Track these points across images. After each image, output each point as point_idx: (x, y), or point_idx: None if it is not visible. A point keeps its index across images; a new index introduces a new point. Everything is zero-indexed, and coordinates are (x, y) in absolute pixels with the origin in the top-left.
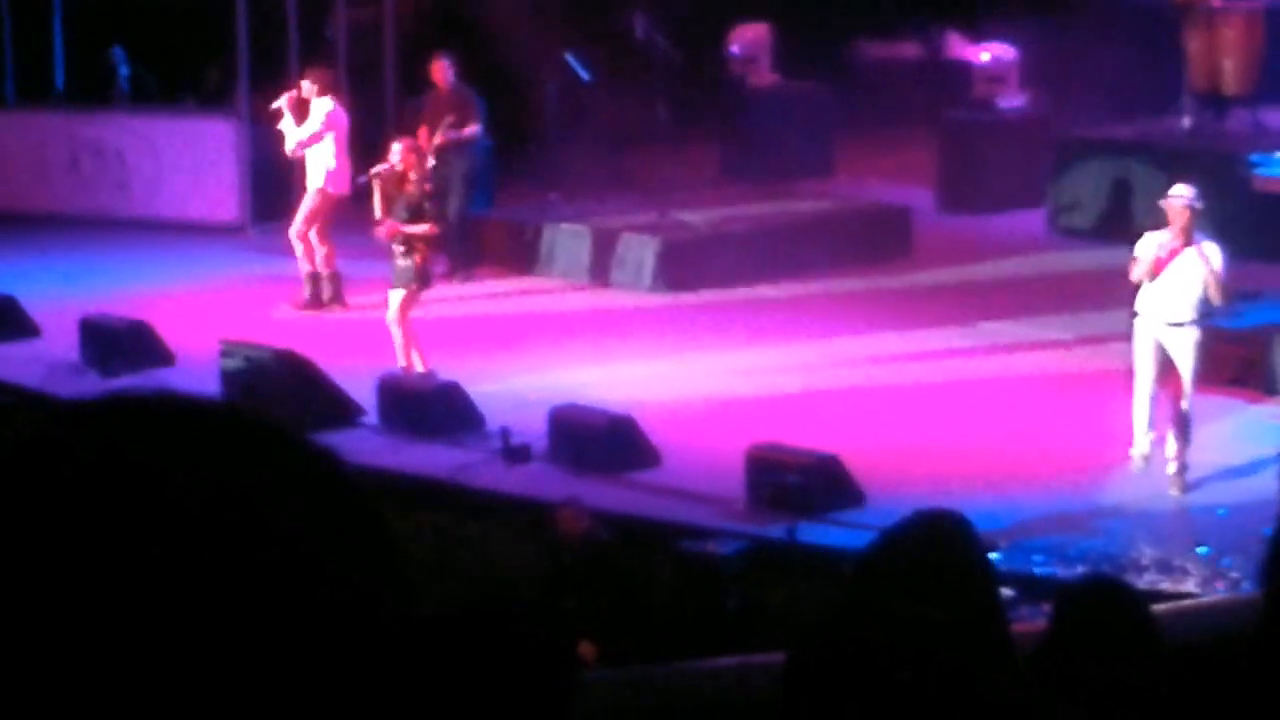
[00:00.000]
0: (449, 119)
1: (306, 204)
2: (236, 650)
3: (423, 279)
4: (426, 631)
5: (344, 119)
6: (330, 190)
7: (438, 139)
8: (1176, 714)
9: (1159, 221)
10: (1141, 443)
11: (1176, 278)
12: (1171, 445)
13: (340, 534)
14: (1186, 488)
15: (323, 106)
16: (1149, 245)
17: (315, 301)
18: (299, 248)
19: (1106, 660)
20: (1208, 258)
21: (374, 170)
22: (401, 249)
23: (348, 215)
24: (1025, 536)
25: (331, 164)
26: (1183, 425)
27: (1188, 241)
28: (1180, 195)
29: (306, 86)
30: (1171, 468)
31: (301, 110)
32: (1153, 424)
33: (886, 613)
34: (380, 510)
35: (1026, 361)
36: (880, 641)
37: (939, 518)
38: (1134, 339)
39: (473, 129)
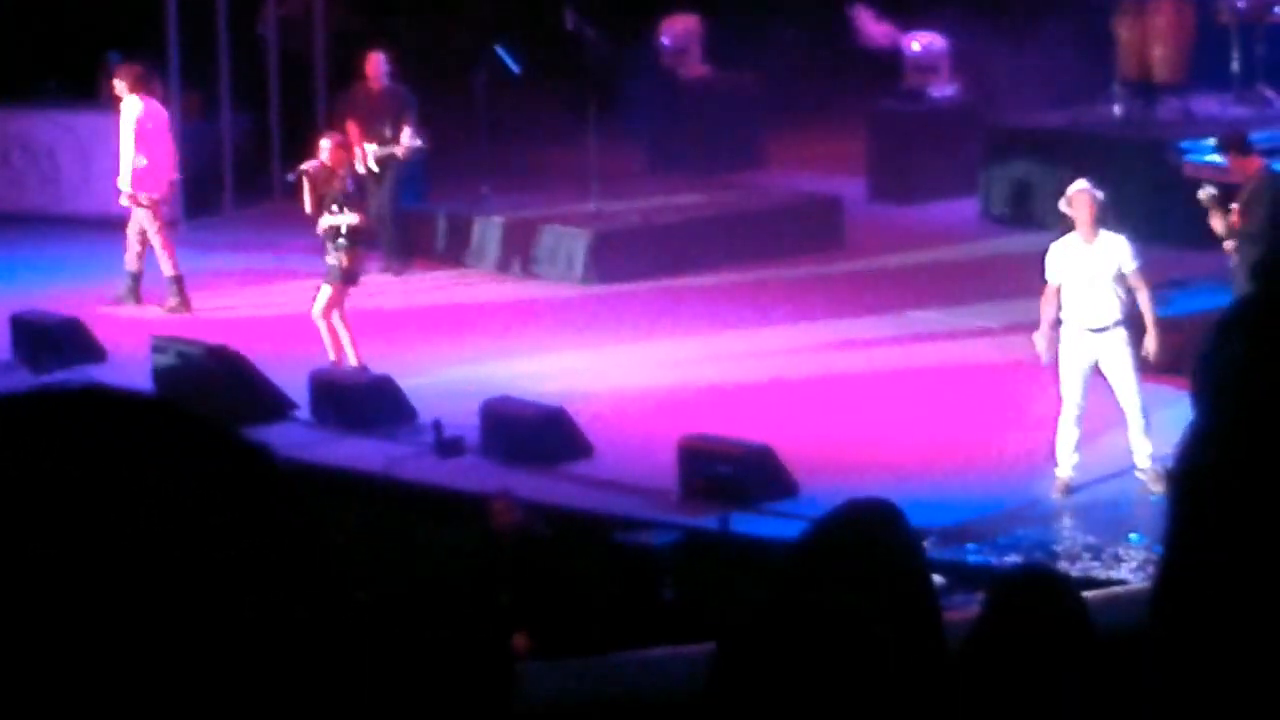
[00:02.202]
0: (387, 129)
1: (139, 212)
2: (159, 642)
3: (348, 277)
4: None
5: (160, 115)
6: (147, 194)
7: (377, 152)
8: (1110, 702)
9: (1066, 225)
10: (1065, 467)
11: (1089, 280)
12: (1140, 443)
13: (270, 527)
14: (1157, 478)
15: (132, 107)
16: (1061, 256)
17: (185, 303)
18: (134, 249)
19: (1039, 648)
20: (1118, 253)
21: (303, 166)
22: (331, 246)
23: (287, 210)
24: (958, 525)
25: (143, 165)
26: (1141, 423)
27: (1095, 234)
28: (1082, 187)
29: (117, 85)
30: (1146, 463)
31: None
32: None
33: (816, 602)
34: (310, 503)
35: (958, 350)
36: (809, 631)
37: (870, 507)
38: (1061, 353)
39: (412, 138)
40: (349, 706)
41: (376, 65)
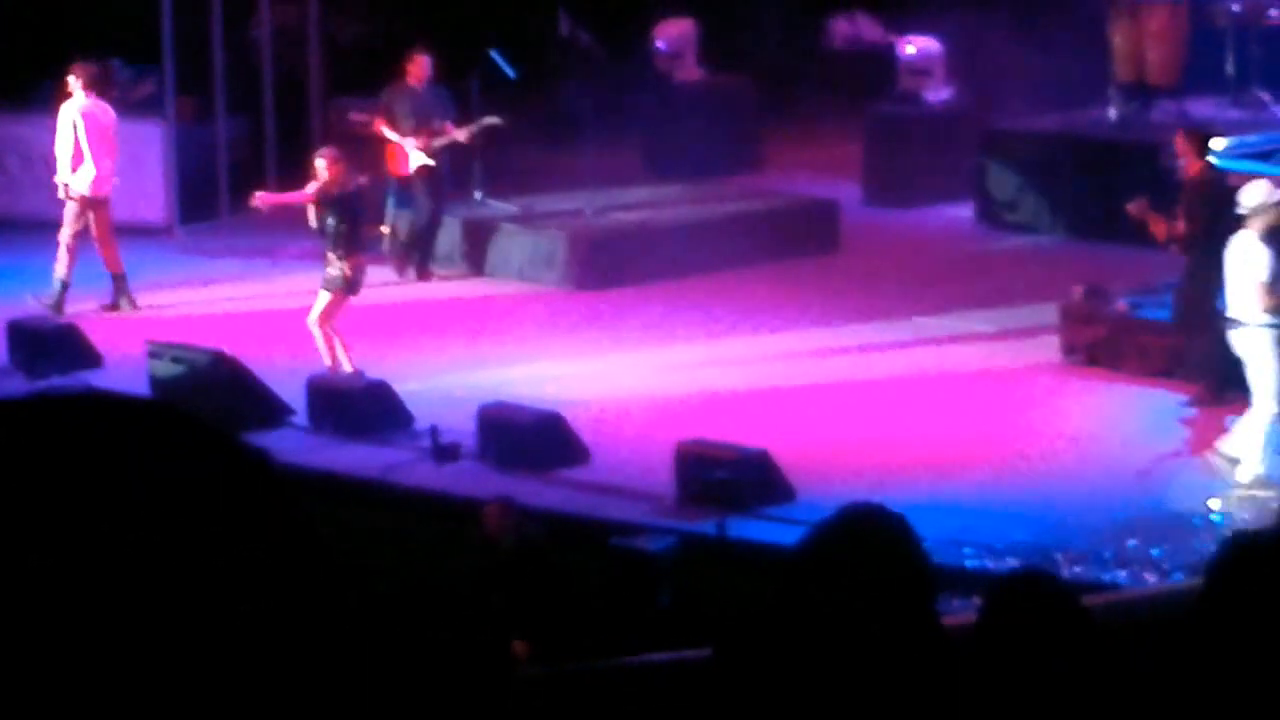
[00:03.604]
0: (436, 125)
1: (69, 213)
2: (155, 642)
3: (350, 287)
4: (354, 625)
5: (108, 117)
6: (90, 195)
7: (438, 143)
8: (1107, 705)
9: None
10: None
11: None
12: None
13: (265, 529)
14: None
15: (77, 105)
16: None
17: (115, 304)
18: (65, 257)
19: (1037, 652)
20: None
21: (305, 189)
22: (333, 254)
23: (286, 219)
24: (955, 530)
25: (91, 168)
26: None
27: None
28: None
29: (71, 82)
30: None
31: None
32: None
33: (817, 604)
34: (306, 507)
35: (954, 354)
36: (810, 633)
37: (872, 511)
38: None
39: (458, 131)
40: (345, 708)
41: (423, 66)
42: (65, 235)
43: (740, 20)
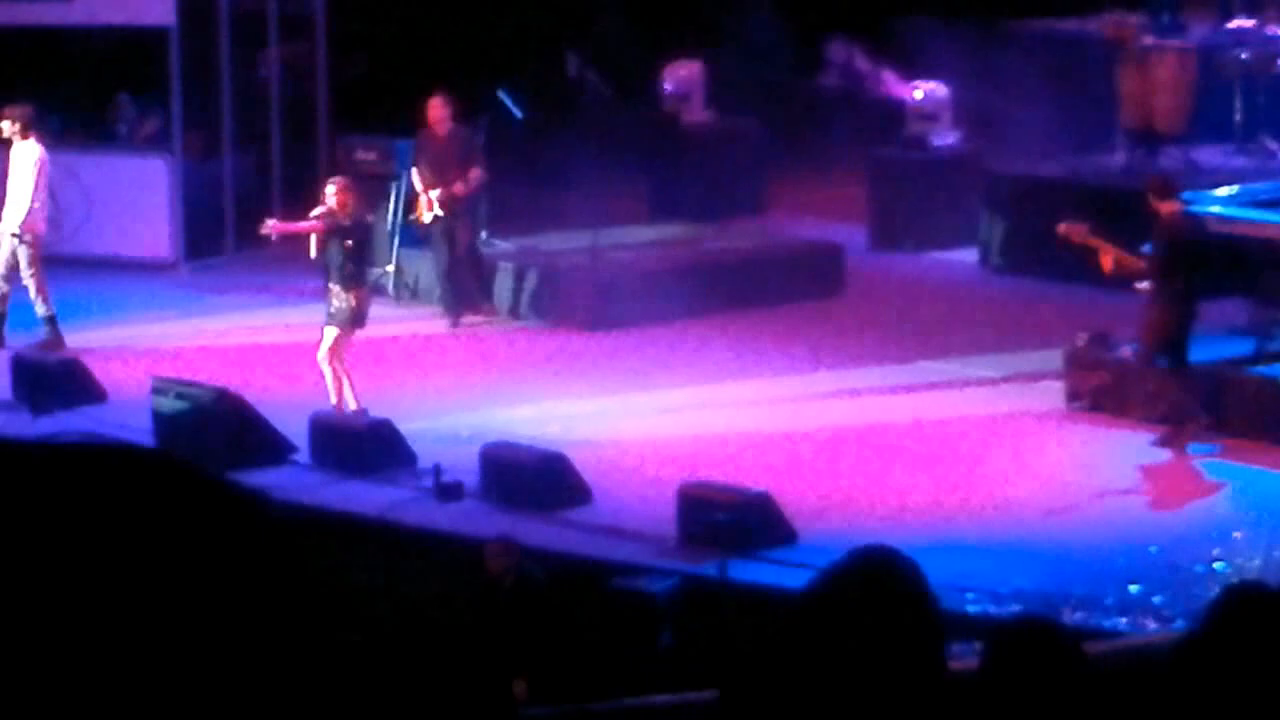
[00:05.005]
0: (453, 173)
1: (24, 255)
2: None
3: (357, 320)
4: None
5: (44, 157)
6: (29, 231)
7: (440, 194)
8: None
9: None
10: None
11: None
12: None
13: (257, 573)
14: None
15: (30, 151)
16: None
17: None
18: (39, 295)
19: (1039, 699)
20: None
21: (313, 214)
22: (336, 289)
23: (288, 251)
24: (957, 574)
25: (32, 205)
26: None
27: None
28: None
29: (7, 127)
30: None
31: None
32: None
33: (827, 648)
34: (303, 550)
35: (958, 400)
36: (816, 675)
37: (885, 555)
38: None
39: (477, 174)
40: None
41: (436, 110)
42: (26, 276)
43: (748, 63)
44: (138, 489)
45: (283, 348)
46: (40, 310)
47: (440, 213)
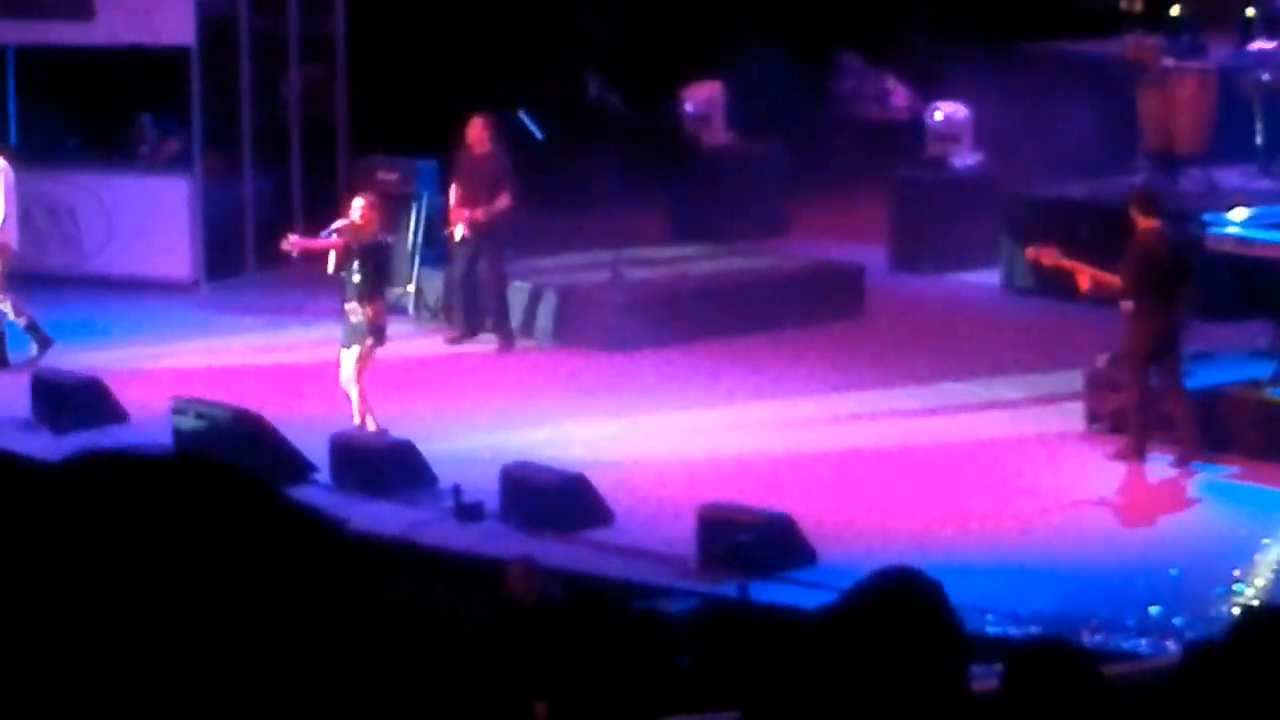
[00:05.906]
0: (482, 196)
1: None
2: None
3: (376, 334)
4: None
5: (7, 167)
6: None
7: (479, 215)
8: None
9: None
10: None
11: None
12: None
13: (341, 599)
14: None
15: None
16: None
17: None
18: (10, 307)
19: None
20: None
21: (334, 225)
22: (353, 305)
23: (308, 271)
24: (977, 596)
25: (2, 221)
26: None
27: None
28: None
29: None
30: None
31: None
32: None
33: (851, 668)
34: (361, 558)
35: (979, 421)
36: (839, 695)
37: (909, 576)
38: None
39: (505, 201)
40: None
41: (476, 130)
42: None
43: (769, 84)
44: (240, 506)
45: (303, 368)
46: (20, 322)
47: (466, 233)
